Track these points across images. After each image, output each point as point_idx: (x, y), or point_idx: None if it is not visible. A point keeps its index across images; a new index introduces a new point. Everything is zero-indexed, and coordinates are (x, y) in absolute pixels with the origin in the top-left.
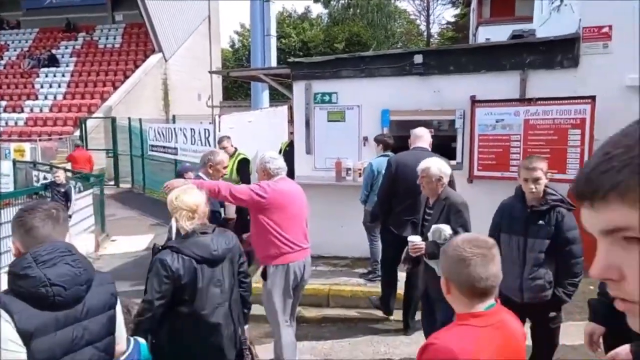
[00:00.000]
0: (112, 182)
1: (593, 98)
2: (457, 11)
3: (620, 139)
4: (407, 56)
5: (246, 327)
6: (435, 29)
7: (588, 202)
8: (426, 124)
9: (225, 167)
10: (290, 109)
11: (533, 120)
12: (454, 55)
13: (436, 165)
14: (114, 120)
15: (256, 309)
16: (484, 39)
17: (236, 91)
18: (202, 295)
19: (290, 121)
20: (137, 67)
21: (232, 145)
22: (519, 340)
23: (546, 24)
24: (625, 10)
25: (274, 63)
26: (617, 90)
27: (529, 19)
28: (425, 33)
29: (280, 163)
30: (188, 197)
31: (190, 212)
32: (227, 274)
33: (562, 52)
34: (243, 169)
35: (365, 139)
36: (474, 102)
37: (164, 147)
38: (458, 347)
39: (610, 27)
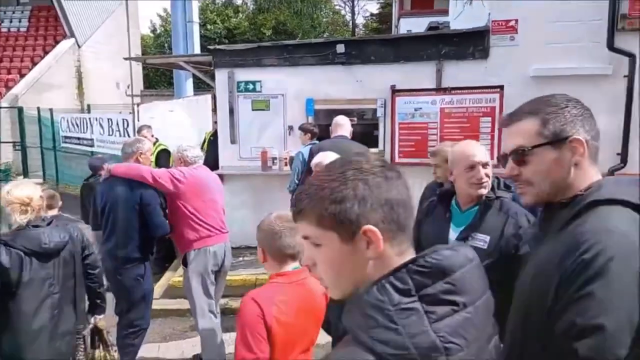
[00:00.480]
0: (21, 177)
1: (501, 88)
2: (382, 1)
3: (315, 176)
4: (330, 45)
5: (101, 316)
6: (360, 20)
7: (294, 218)
8: (349, 112)
9: (151, 155)
10: (214, 97)
11: (448, 109)
12: (375, 45)
13: (329, 159)
14: (20, 110)
15: (182, 303)
16: (406, 30)
17: (158, 80)
18: (29, 288)
19: (214, 110)
20: (46, 53)
21: (152, 136)
22: (318, 297)
23: (460, 17)
24: (530, 4)
25: (197, 50)
26: (523, 80)
27: (447, 12)
28: (350, 23)
29: (197, 152)
30: (20, 191)
31: (23, 205)
32: (64, 267)
33: (473, 44)
34: (163, 160)
35: (291, 128)
36: (394, 91)
37: (79, 138)
38: (261, 297)
39: (516, 20)
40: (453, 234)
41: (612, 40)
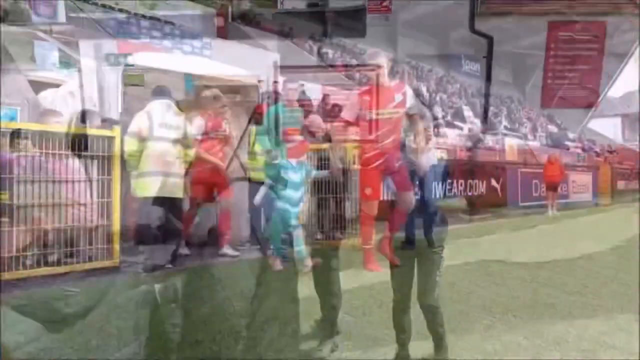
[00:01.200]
0: None
1: (380, 66)
2: None
3: None
4: (209, 18)
5: None
6: None
7: None
8: (231, 89)
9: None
10: (80, 72)
11: (331, 87)
12: (256, 20)
13: None
14: None
15: None
16: (291, 6)
17: (18, 52)
18: None
19: (82, 86)
20: None
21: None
22: None
23: None
24: None
25: (63, 20)
26: (398, 59)
27: None
28: None
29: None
30: None
31: None
32: None
33: (351, 22)
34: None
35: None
36: (277, 68)
37: None
38: None
39: (390, 1)
40: None
41: (473, 22)
